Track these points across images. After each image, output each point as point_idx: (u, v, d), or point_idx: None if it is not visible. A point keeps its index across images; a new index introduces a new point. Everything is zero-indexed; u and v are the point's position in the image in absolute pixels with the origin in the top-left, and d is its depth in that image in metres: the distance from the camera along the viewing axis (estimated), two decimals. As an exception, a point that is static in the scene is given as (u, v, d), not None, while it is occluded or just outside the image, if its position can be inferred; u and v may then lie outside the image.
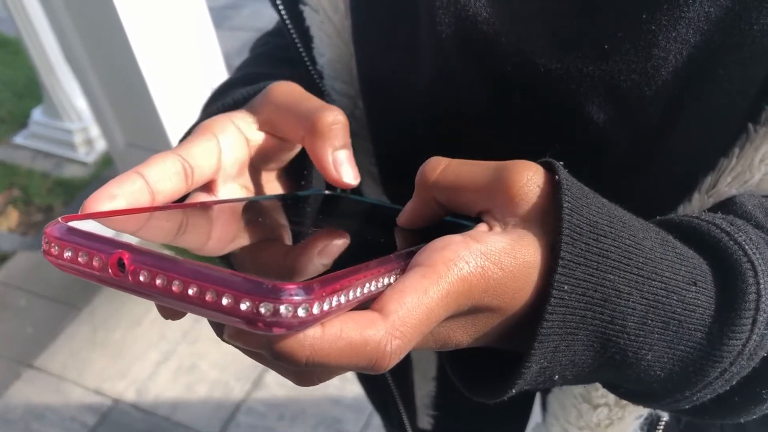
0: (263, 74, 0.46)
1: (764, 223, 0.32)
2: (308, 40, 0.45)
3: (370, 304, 0.23)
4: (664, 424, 0.44)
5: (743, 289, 0.28)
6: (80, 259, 0.22)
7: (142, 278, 0.21)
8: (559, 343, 0.26)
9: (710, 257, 0.29)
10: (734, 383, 0.30)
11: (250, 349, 0.23)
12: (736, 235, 0.29)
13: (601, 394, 0.44)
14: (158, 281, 0.21)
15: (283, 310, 0.19)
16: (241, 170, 0.35)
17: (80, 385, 1.67)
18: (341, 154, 0.33)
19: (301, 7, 0.43)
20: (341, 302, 0.22)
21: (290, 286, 0.20)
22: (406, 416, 0.65)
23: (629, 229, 0.28)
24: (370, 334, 0.22)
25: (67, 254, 0.22)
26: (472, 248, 0.25)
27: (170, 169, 0.30)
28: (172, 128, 1.62)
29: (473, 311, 0.26)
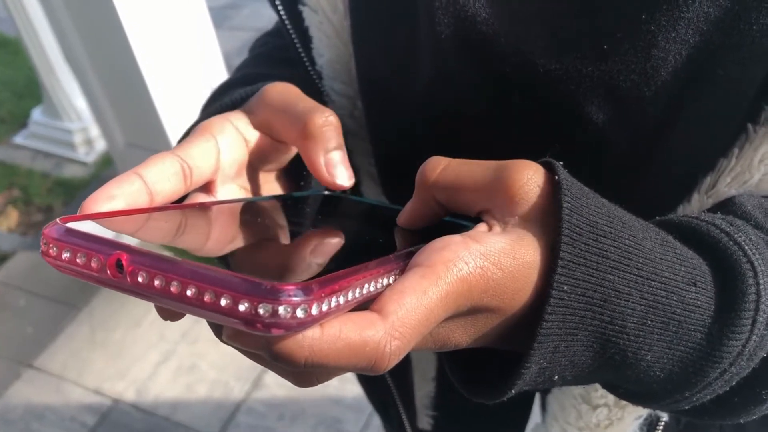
0: (262, 75, 0.46)
1: (764, 223, 0.32)
2: (307, 40, 0.45)
3: (369, 304, 0.23)
4: (663, 424, 0.44)
5: (743, 289, 0.28)
6: (78, 260, 0.22)
7: (140, 279, 0.21)
8: (558, 343, 0.26)
9: (710, 258, 0.29)
10: (734, 384, 0.30)
11: (248, 350, 0.23)
12: (735, 235, 0.29)
13: (600, 394, 0.44)
14: (156, 282, 0.21)
15: (281, 311, 0.19)
16: (239, 171, 0.35)
17: (80, 385, 1.67)
18: (335, 155, 0.33)
19: (300, 7, 0.43)
20: (340, 303, 0.22)
21: (289, 287, 0.20)
22: (405, 417, 0.65)
23: (629, 229, 0.27)
24: (369, 334, 0.22)
25: (65, 255, 0.22)
26: (471, 249, 0.25)
27: (169, 169, 0.30)
28: (171, 128, 1.62)
29: (472, 312, 0.26)
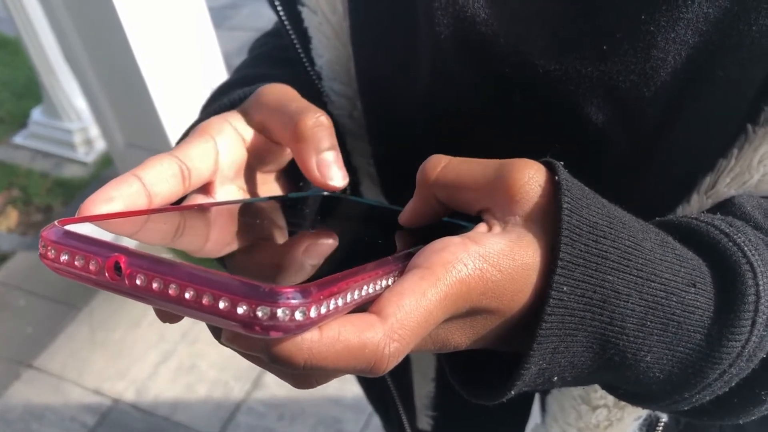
0: (262, 75, 0.46)
1: (763, 224, 0.32)
2: (306, 41, 0.44)
3: (368, 306, 0.23)
4: (663, 425, 0.44)
5: (742, 290, 0.28)
6: (77, 262, 0.22)
7: (138, 282, 0.21)
8: (558, 344, 0.26)
9: (709, 259, 0.29)
10: (733, 385, 0.30)
11: (247, 352, 0.23)
12: (735, 236, 0.29)
13: (600, 395, 0.44)
14: (155, 285, 0.20)
15: (280, 313, 0.19)
16: (238, 172, 0.35)
17: (80, 385, 1.67)
18: (327, 155, 0.33)
19: (299, 8, 0.43)
20: (339, 305, 0.22)
21: (287, 289, 0.19)
22: (405, 417, 0.65)
23: (629, 230, 0.27)
24: (368, 336, 0.22)
25: (63, 258, 0.22)
26: (470, 250, 0.25)
27: (167, 171, 0.30)
28: (171, 128, 1.62)
29: (471, 313, 0.26)
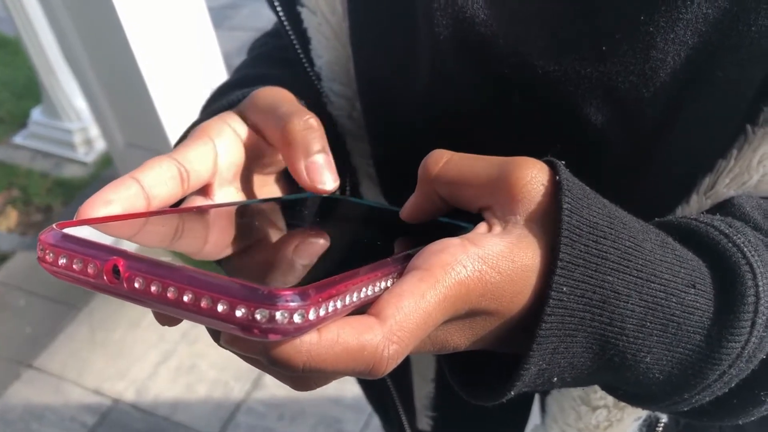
0: (262, 75, 0.46)
1: (762, 224, 0.32)
2: (306, 41, 0.44)
3: (367, 308, 0.23)
4: (662, 425, 0.44)
5: (742, 291, 0.28)
6: (75, 266, 0.22)
7: (137, 285, 0.21)
8: (557, 344, 0.26)
9: (709, 259, 0.29)
10: (733, 385, 0.30)
11: (246, 354, 0.23)
12: (734, 237, 0.29)
13: (600, 396, 0.44)
14: (153, 288, 0.20)
15: (278, 316, 0.19)
16: (237, 174, 0.34)
17: (80, 385, 1.67)
18: (318, 158, 0.32)
19: (298, 8, 0.43)
20: (337, 307, 0.22)
21: (286, 292, 0.19)
22: (405, 417, 0.65)
23: (629, 230, 0.27)
24: (367, 339, 0.22)
25: (61, 261, 0.22)
26: (469, 252, 0.25)
27: (166, 173, 0.30)
28: (171, 128, 1.62)
29: (471, 315, 0.26)
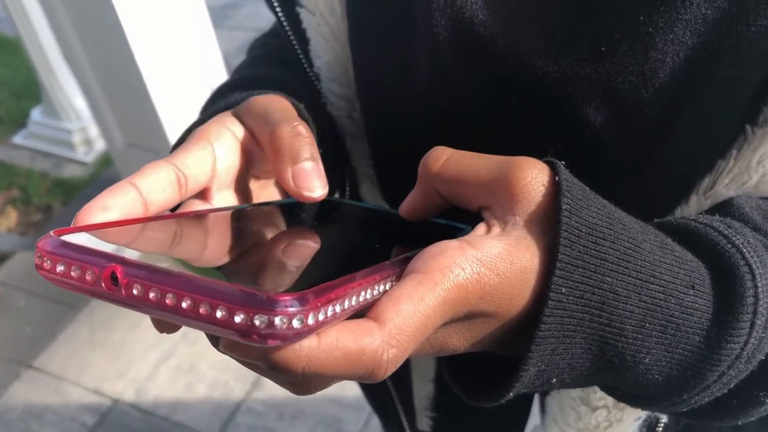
0: (261, 76, 0.46)
1: (762, 225, 0.32)
2: (305, 42, 0.44)
3: (366, 311, 0.23)
4: (662, 425, 0.44)
5: (741, 292, 0.28)
6: (73, 273, 0.22)
7: (135, 292, 0.21)
8: (556, 345, 0.26)
9: (708, 260, 0.29)
10: (732, 386, 0.30)
11: (245, 360, 0.23)
12: (733, 238, 0.29)
13: (599, 396, 0.44)
14: (152, 294, 0.20)
15: (277, 321, 0.19)
16: (236, 177, 0.34)
17: (79, 385, 1.67)
18: (306, 165, 0.32)
19: (297, 9, 0.43)
20: (336, 312, 0.21)
21: (284, 297, 0.19)
22: (404, 418, 0.65)
23: (628, 231, 0.27)
24: (366, 343, 0.22)
25: (59, 268, 0.22)
26: (468, 254, 0.25)
27: (164, 179, 0.29)
28: (171, 128, 1.62)
29: (470, 317, 0.26)
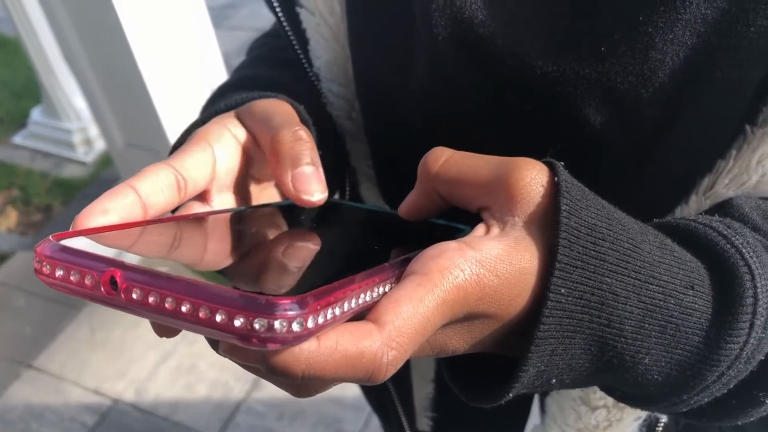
0: (261, 76, 0.46)
1: (761, 225, 0.32)
2: (305, 42, 0.44)
3: (366, 313, 0.23)
4: (662, 425, 0.44)
5: (740, 293, 0.28)
6: (72, 277, 0.22)
7: (134, 296, 0.21)
8: (556, 346, 0.26)
9: (707, 261, 0.29)
10: (731, 387, 0.30)
11: (245, 363, 0.23)
12: (733, 238, 0.29)
13: (599, 396, 0.44)
14: (151, 299, 0.20)
15: (277, 325, 0.19)
16: (236, 179, 0.34)
17: (79, 385, 1.67)
18: (306, 169, 0.31)
19: (297, 9, 0.43)
20: (336, 314, 0.21)
21: (284, 300, 0.19)
22: (404, 418, 0.65)
23: (628, 232, 0.27)
24: (366, 345, 0.22)
25: (58, 273, 0.22)
26: (467, 256, 0.25)
27: (163, 181, 0.29)
28: (171, 128, 1.62)
29: (469, 318, 0.26)
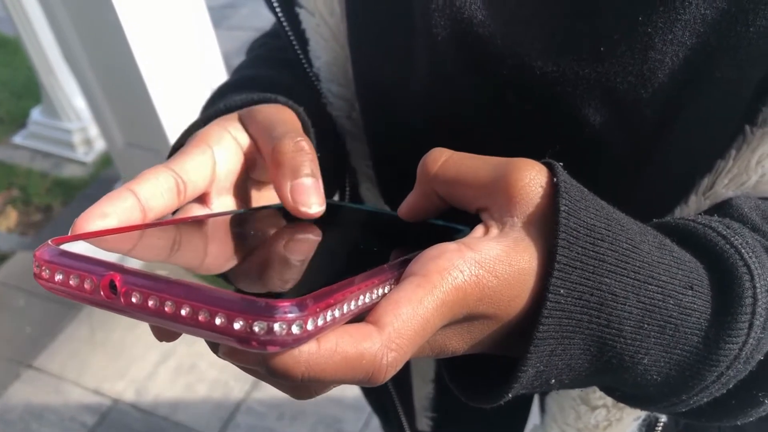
0: (261, 76, 0.46)
1: (761, 225, 0.32)
2: (305, 42, 0.44)
3: (365, 315, 0.23)
4: (662, 425, 0.44)
5: (739, 293, 0.28)
6: (71, 282, 0.22)
7: (134, 300, 0.21)
8: (555, 346, 0.26)
9: (707, 261, 0.29)
10: (731, 387, 0.30)
11: (245, 366, 0.23)
12: (732, 238, 0.29)
13: (599, 395, 0.44)
14: (150, 302, 0.20)
15: (277, 328, 0.19)
16: (235, 181, 0.34)
17: (79, 385, 1.67)
18: (306, 180, 0.31)
19: (297, 9, 0.43)
20: (336, 316, 0.21)
21: (283, 303, 0.19)
22: (404, 418, 0.65)
23: (627, 232, 0.27)
24: (365, 347, 0.22)
25: (58, 277, 0.22)
26: (466, 257, 0.25)
27: (163, 185, 0.29)
28: (171, 128, 1.62)
29: (469, 319, 0.26)
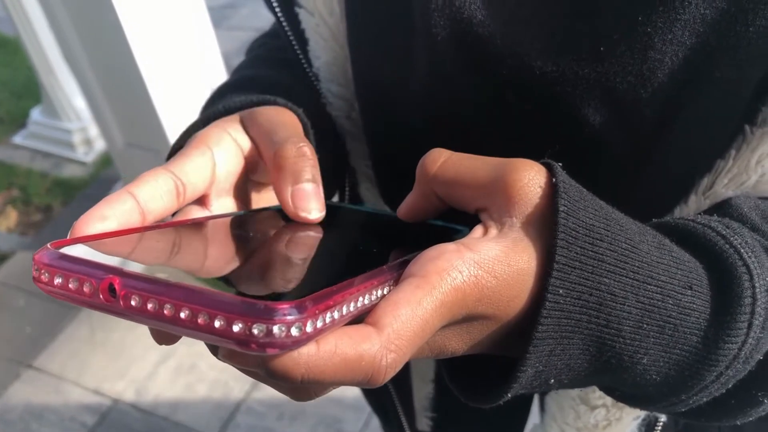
0: (261, 76, 0.46)
1: (760, 225, 0.32)
2: (304, 42, 0.44)
3: (365, 316, 0.23)
4: (661, 425, 0.44)
5: (738, 293, 0.28)
6: (71, 285, 0.22)
7: (133, 303, 0.21)
8: (554, 346, 0.26)
9: (706, 261, 0.29)
10: (730, 386, 0.30)
11: (244, 368, 0.23)
12: (731, 238, 0.29)
13: (598, 395, 0.44)
14: (150, 305, 0.20)
15: (276, 330, 0.19)
16: (235, 183, 0.34)
17: (79, 385, 1.67)
18: (306, 186, 0.31)
19: (296, 9, 0.43)
20: (335, 318, 0.21)
21: (283, 305, 0.19)
22: (404, 418, 0.65)
23: (626, 232, 0.27)
24: (364, 348, 0.22)
25: (57, 281, 0.22)
26: (465, 257, 0.25)
27: (162, 187, 0.29)
28: (170, 128, 1.62)
29: (468, 320, 0.26)
